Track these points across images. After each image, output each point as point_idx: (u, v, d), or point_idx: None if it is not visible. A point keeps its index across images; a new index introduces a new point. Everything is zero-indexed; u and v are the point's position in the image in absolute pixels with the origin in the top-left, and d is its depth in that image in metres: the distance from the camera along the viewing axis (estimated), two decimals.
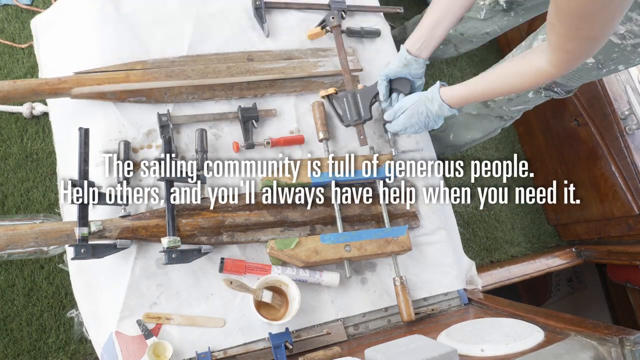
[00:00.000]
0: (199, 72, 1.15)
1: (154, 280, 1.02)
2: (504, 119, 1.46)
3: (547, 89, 1.26)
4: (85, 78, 1.06)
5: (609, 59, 1.09)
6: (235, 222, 1.06)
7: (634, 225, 1.72)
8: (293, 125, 1.23)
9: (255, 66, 1.20)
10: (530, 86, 1.01)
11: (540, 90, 1.27)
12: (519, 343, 0.88)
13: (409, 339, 0.83)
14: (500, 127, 1.52)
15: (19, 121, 1.61)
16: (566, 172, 1.95)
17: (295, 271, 1.07)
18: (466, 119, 1.53)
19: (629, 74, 1.64)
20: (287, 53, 1.27)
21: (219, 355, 1.00)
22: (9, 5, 1.73)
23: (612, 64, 1.11)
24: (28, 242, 0.91)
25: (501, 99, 1.36)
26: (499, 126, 1.51)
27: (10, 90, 1.02)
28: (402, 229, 1.15)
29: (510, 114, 1.42)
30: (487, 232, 2.05)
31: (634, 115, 1.60)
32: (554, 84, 1.24)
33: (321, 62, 1.26)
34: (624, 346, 0.80)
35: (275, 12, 1.33)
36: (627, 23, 1.00)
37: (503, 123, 1.49)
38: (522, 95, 1.31)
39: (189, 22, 1.23)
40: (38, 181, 1.57)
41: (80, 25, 1.18)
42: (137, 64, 1.12)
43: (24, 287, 1.46)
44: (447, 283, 1.23)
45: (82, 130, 1.01)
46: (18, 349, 1.41)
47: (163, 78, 1.11)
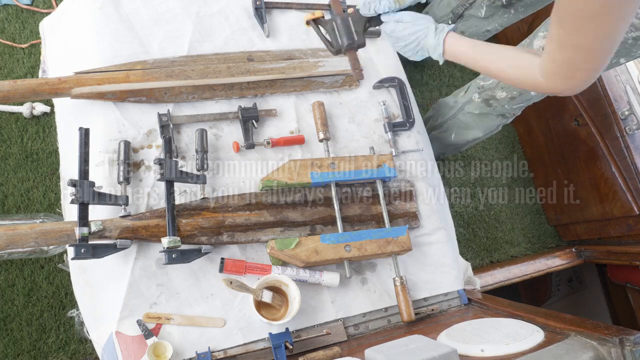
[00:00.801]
0: (199, 72, 1.15)
1: (154, 280, 1.02)
2: (505, 117, 1.46)
3: None
4: (86, 78, 1.06)
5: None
6: (235, 222, 1.06)
7: (634, 225, 1.72)
8: (293, 125, 1.23)
9: (256, 66, 1.20)
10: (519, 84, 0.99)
11: None
12: (519, 343, 0.88)
13: (409, 339, 0.83)
14: (501, 125, 1.52)
15: (19, 121, 1.61)
16: (566, 172, 1.95)
17: (295, 271, 1.07)
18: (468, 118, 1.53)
19: (629, 74, 1.64)
20: (287, 53, 1.27)
21: (219, 355, 1.00)
22: (9, 5, 1.73)
23: (613, 57, 1.09)
24: (28, 242, 0.91)
25: (504, 98, 1.36)
26: (501, 123, 1.51)
27: (10, 90, 1.02)
28: (402, 229, 1.15)
29: (512, 111, 1.42)
30: (487, 232, 2.05)
31: (634, 116, 1.60)
32: None
33: (321, 62, 1.26)
34: (624, 346, 0.80)
35: (276, 12, 1.34)
36: None
37: (505, 120, 1.49)
38: (524, 94, 1.31)
39: (189, 22, 1.23)
40: (38, 181, 1.57)
41: (81, 26, 1.18)
42: (137, 64, 1.12)
43: (24, 287, 1.46)
44: (447, 283, 1.23)
45: (82, 130, 1.01)
46: (18, 349, 1.41)
47: (163, 78, 1.11)
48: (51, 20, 1.25)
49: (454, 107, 1.54)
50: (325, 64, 1.26)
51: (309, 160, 1.13)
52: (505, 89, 1.34)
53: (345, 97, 1.31)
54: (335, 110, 1.28)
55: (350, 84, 1.31)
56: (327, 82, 1.27)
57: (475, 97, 1.43)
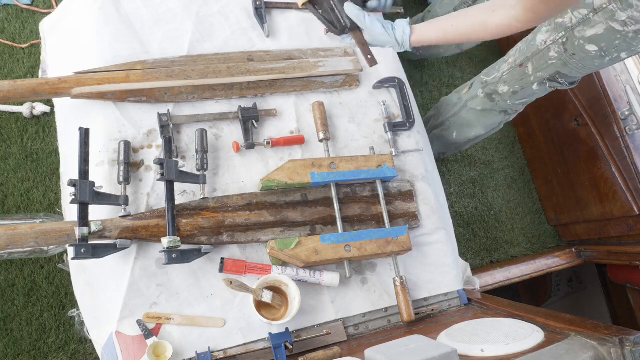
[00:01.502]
0: (199, 72, 1.15)
1: (154, 280, 1.02)
2: (508, 113, 1.45)
3: (551, 79, 1.25)
4: (86, 78, 1.06)
5: (611, 47, 1.11)
6: (235, 222, 1.06)
7: (634, 225, 1.72)
8: (293, 125, 1.23)
9: (256, 66, 1.20)
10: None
11: (545, 81, 1.27)
12: (519, 343, 0.88)
13: (409, 339, 0.83)
14: (503, 122, 1.51)
15: (19, 121, 1.61)
16: (566, 172, 1.95)
17: (295, 271, 1.07)
18: (470, 115, 1.52)
19: (629, 74, 1.64)
20: (288, 53, 1.27)
21: (219, 355, 1.00)
22: (9, 5, 1.73)
23: (614, 52, 1.12)
24: (28, 241, 0.91)
25: (506, 93, 1.36)
26: (503, 120, 1.50)
27: (10, 90, 1.02)
28: (402, 229, 1.15)
29: (515, 107, 1.42)
30: (487, 232, 2.05)
31: (634, 116, 1.60)
32: (557, 75, 1.24)
33: (321, 62, 1.26)
34: (624, 346, 0.80)
35: (276, 12, 1.34)
36: (629, 9, 1.01)
37: (507, 117, 1.48)
38: (527, 88, 1.31)
39: (189, 22, 1.23)
40: (38, 181, 1.57)
41: (81, 26, 1.18)
42: (137, 64, 1.12)
43: (24, 287, 1.46)
44: (447, 283, 1.23)
45: (82, 130, 1.01)
46: (18, 348, 1.41)
47: (163, 78, 1.11)
48: (51, 20, 1.25)
49: (457, 104, 1.54)
50: (326, 64, 1.26)
51: (309, 160, 1.13)
52: (507, 82, 1.34)
53: (345, 97, 1.31)
54: (335, 110, 1.28)
55: (350, 84, 1.31)
56: (327, 82, 1.27)
57: (479, 92, 1.43)
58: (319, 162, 1.13)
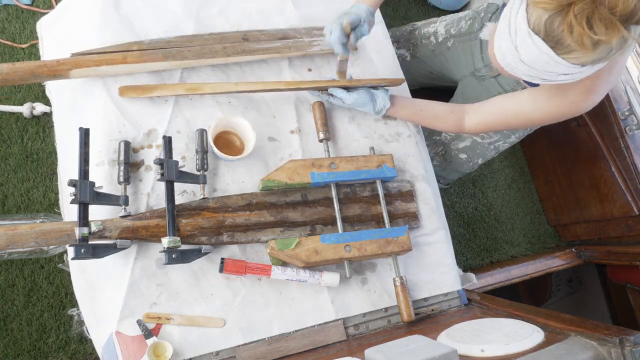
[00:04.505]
0: (195, 52, 1.16)
1: (154, 280, 1.02)
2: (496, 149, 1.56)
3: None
4: (84, 59, 1.07)
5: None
6: (235, 222, 1.06)
7: (633, 225, 1.72)
8: (293, 125, 1.23)
9: (251, 46, 1.20)
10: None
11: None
12: (519, 343, 0.88)
13: (409, 339, 0.83)
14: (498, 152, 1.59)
15: (19, 121, 1.61)
16: (566, 172, 1.95)
17: (295, 271, 1.07)
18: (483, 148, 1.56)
19: (629, 74, 1.64)
20: (282, 32, 1.27)
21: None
22: (9, 5, 1.73)
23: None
24: (28, 242, 0.91)
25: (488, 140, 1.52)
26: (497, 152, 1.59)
27: (9, 72, 1.02)
28: (402, 229, 1.15)
29: (504, 145, 1.55)
30: (487, 232, 2.05)
31: (634, 116, 1.60)
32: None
33: (316, 41, 1.27)
34: (624, 346, 0.80)
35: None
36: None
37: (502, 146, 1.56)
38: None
39: (190, 22, 1.23)
40: (38, 181, 1.57)
41: (81, 26, 1.18)
42: (133, 44, 1.13)
43: (24, 287, 1.46)
44: (447, 283, 1.23)
45: (82, 130, 1.01)
46: (18, 348, 1.41)
47: (160, 59, 1.12)
48: (49, 20, 1.25)
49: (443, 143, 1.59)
50: (320, 43, 1.29)
51: (309, 160, 1.13)
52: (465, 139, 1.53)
53: None
54: (335, 110, 1.28)
55: None
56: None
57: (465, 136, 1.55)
58: (319, 162, 1.13)
